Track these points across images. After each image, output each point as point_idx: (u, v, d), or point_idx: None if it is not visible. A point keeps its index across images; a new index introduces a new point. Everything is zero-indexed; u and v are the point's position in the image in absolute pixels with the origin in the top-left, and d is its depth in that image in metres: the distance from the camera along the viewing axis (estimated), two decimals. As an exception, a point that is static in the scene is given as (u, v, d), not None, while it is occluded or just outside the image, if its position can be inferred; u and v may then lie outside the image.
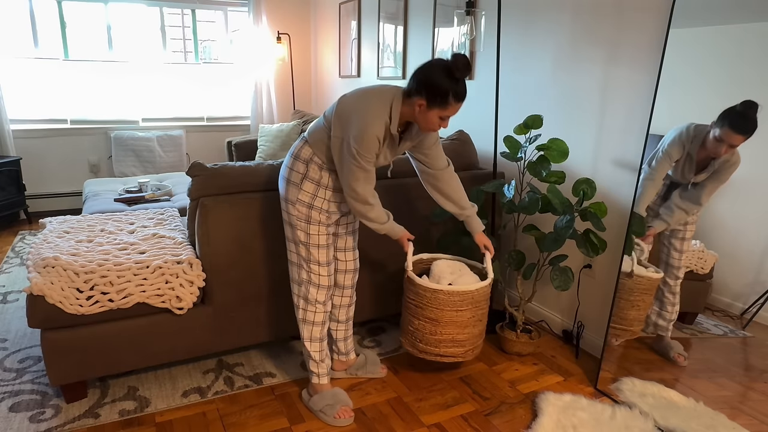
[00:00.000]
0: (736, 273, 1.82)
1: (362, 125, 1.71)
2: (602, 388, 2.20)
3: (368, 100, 1.76)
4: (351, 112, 1.76)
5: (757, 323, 1.78)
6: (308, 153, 1.86)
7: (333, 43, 5.02)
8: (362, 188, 1.79)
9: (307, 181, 1.86)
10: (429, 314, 2.11)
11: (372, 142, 1.72)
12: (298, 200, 1.86)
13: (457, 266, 2.29)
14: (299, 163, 1.87)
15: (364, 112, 1.73)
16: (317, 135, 1.85)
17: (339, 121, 1.78)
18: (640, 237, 2.10)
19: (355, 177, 1.77)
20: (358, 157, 1.73)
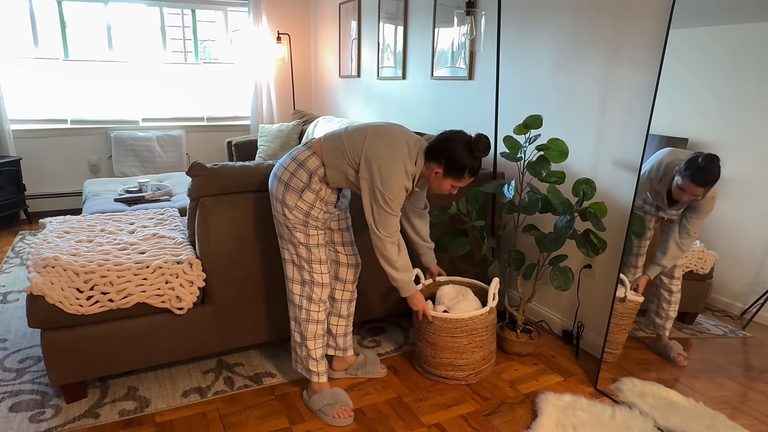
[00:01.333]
0: (736, 273, 1.82)
1: (394, 177, 1.78)
2: (602, 388, 2.20)
3: (398, 152, 1.81)
4: (381, 160, 1.79)
5: (757, 323, 1.78)
6: (315, 165, 1.85)
7: (333, 43, 5.03)
8: (389, 229, 1.86)
9: (309, 192, 1.85)
10: (428, 338, 2.23)
11: (401, 192, 1.82)
12: (296, 206, 1.86)
13: (462, 291, 2.33)
14: (303, 171, 1.85)
15: (395, 164, 1.79)
16: (334, 159, 1.85)
17: (367, 165, 1.81)
18: (640, 237, 2.10)
19: (387, 222, 1.84)
20: (390, 203, 1.80)
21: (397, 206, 1.82)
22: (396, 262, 1.91)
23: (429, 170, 1.88)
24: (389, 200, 1.80)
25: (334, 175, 1.86)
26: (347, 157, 1.84)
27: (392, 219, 1.84)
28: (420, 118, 3.75)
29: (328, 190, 1.89)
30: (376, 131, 1.86)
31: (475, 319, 2.16)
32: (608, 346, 2.20)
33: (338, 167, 1.84)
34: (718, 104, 1.82)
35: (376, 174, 1.79)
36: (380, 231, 1.85)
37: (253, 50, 5.12)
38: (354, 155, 1.83)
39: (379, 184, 1.79)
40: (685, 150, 1.92)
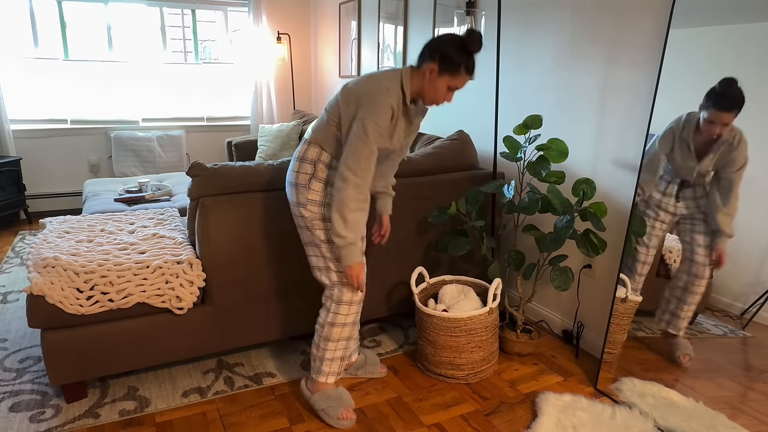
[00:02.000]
0: (736, 273, 1.82)
1: (375, 97, 1.69)
2: (602, 388, 2.20)
3: (378, 78, 1.76)
4: (361, 92, 1.73)
5: (757, 323, 1.78)
6: (315, 153, 1.84)
7: (333, 43, 5.02)
8: (360, 167, 1.69)
9: (315, 181, 1.82)
10: (428, 336, 2.25)
11: (386, 110, 1.69)
12: (309, 201, 1.82)
13: (464, 291, 2.35)
14: (306, 164, 1.84)
15: (376, 86, 1.72)
16: (322, 133, 1.83)
17: (347, 104, 1.75)
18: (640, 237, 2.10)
19: (357, 152, 1.69)
20: (369, 130, 1.67)
21: (377, 136, 1.68)
22: (349, 212, 1.70)
23: (422, 77, 1.78)
24: (370, 127, 1.67)
25: (333, 150, 1.82)
26: (331, 117, 1.80)
27: (367, 155, 1.68)
28: (420, 118, 3.74)
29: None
30: (353, 80, 1.83)
31: (474, 319, 2.17)
32: (608, 346, 2.20)
33: (329, 136, 1.81)
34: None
35: (358, 106, 1.71)
36: (350, 164, 1.68)
37: (253, 50, 5.11)
38: (333, 110, 1.80)
39: (363, 110, 1.69)
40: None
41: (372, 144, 1.69)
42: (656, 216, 2.04)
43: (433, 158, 2.62)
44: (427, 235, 2.58)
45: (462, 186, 2.62)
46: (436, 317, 2.18)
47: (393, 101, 1.72)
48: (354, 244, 1.75)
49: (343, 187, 1.70)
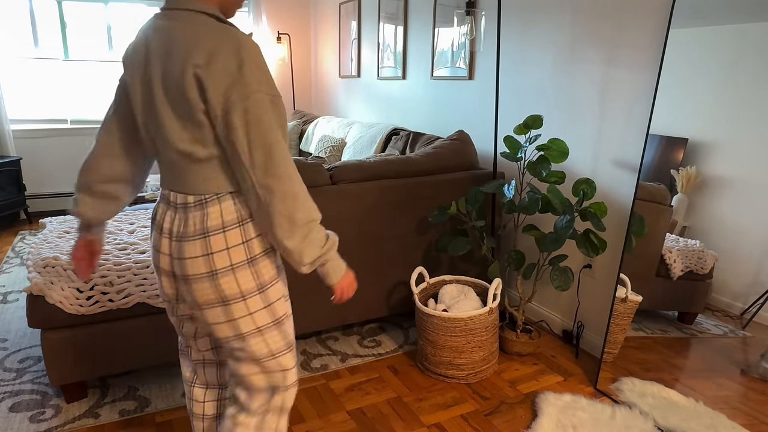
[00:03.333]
0: (736, 273, 1.82)
1: (243, 65, 1.04)
2: (602, 388, 2.20)
3: (223, 36, 1.06)
4: (221, 69, 1.04)
5: (757, 323, 1.78)
6: (231, 207, 1.16)
7: (333, 43, 5.02)
8: (289, 161, 1.10)
9: (256, 241, 1.18)
10: (428, 336, 2.25)
11: (262, 59, 1.08)
12: (270, 280, 1.21)
13: (464, 291, 2.36)
14: (233, 232, 1.15)
15: (235, 49, 1.05)
16: (211, 173, 1.14)
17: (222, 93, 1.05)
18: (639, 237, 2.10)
19: (275, 138, 1.07)
20: (272, 96, 1.08)
21: (276, 94, 1.11)
22: (312, 211, 1.13)
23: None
24: (264, 93, 1.06)
25: (234, 186, 1.16)
26: (198, 145, 1.11)
27: (280, 132, 1.10)
28: (420, 118, 3.75)
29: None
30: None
31: (474, 319, 2.17)
32: (608, 346, 2.20)
33: (217, 173, 1.15)
34: (719, 104, 1.82)
35: (230, 90, 1.04)
36: (280, 168, 1.07)
37: (253, 50, 5.11)
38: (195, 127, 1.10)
39: (238, 97, 1.04)
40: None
41: (280, 105, 1.14)
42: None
43: (433, 158, 2.62)
44: (427, 235, 2.58)
45: (462, 186, 2.62)
46: (436, 317, 2.18)
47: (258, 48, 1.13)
48: (330, 239, 1.19)
49: (290, 190, 1.10)
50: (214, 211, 1.14)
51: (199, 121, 1.07)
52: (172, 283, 1.26)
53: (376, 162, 2.46)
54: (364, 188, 2.36)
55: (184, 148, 1.11)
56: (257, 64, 1.06)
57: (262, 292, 1.20)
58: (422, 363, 2.31)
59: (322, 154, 4.05)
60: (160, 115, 1.11)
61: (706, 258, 1.90)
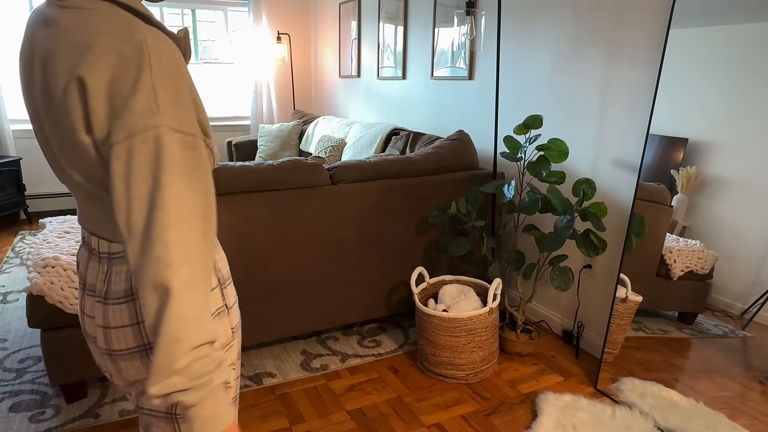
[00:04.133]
0: (736, 273, 1.82)
1: (140, 82, 0.68)
2: (602, 388, 2.20)
3: (125, 37, 0.70)
4: (112, 85, 0.69)
5: (757, 323, 1.78)
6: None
7: (333, 43, 5.02)
8: (189, 241, 0.70)
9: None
10: (428, 336, 2.25)
11: (178, 73, 0.72)
12: (223, 346, 0.91)
13: (464, 291, 2.36)
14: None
15: (136, 55, 0.69)
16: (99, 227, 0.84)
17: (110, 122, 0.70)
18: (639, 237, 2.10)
19: (168, 197, 0.68)
20: (182, 135, 0.70)
21: (197, 136, 0.75)
22: (201, 330, 0.70)
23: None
24: (186, 128, 0.71)
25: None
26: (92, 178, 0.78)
27: (206, 168, 0.75)
28: (420, 118, 3.75)
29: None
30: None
31: (474, 319, 2.17)
32: (608, 346, 2.20)
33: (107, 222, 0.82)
34: (719, 104, 1.82)
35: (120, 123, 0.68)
36: (161, 246, 0.68)
37: (253, 50, 5.11)
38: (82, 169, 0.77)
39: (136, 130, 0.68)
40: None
41: (201, 152, 0.79)
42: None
43: (433, 158, 2.62)
44: (427, 235, 2.58)
45: (462, 186, 2.62)
46: (436, 317, 2.18)
47: (178, 54, 0.78)
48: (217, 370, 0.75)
49: (186, 279, 0.71)
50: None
51: (87, 155, 0.73)
52: (99, 355, 0.89)
53: (376, 162, 2.46)
54: (364, 188, 2.36)
55: (83, 186, 0.79)
56: (164, 82, 0.69)
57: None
58: (422, 363, 2.31)
59: (322, 154, 4.05)
60: (51, 143, 0.80)
61: (706, 258, 1.90)
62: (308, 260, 2.30)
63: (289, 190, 2.26)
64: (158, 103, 0.68)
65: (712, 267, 1.89)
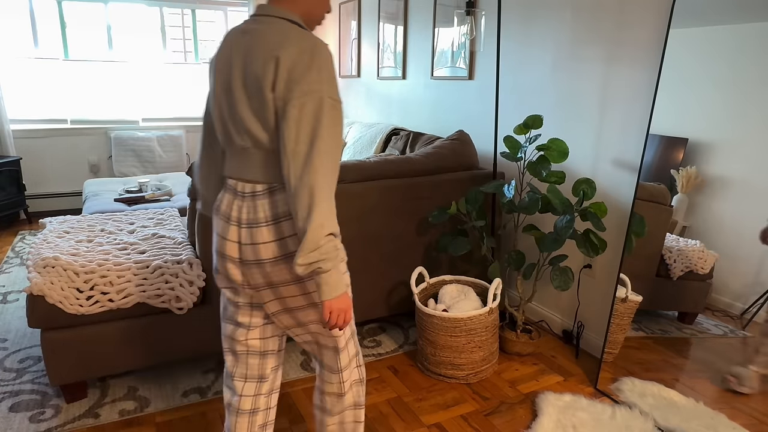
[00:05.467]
0: (736, 273, 1.82)
1: (312, 68, 1.15)
2: (602, 388, 2.20)
3: (303, 39, 1.17)
4: (293, 65, 1.15)
5: (757, 323, 1.78)
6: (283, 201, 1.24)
7: (333, 43, 5.02)
8: (331, 162, 1.16)
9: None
10: (428, 336, 2.25)
11: (331, 66, 1.18)
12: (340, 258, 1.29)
13: (464, 291, 2.36)
14: (281, 226, 1.24)
15: (310, 51, 1.16)
16: (277, 163, 1.23)
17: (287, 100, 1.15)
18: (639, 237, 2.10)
19: (322, 144, 1.13)
20: (332, 101, 1.16)
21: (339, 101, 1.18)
22: (332, 219, 1.15)
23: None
24: (327, 98, 1.15)
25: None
26: (262, 142, 1.23)
27: (339, 140, 1.18)
28: (420, 118, 3.75)
29: None
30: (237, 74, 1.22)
31: (474, 319, 2.17)
32: (608, 346, 2.20)
33: (270, 167, 1.24)
34: (719, 105, 1.82)
35: (302, 92, 1.14)
36: (319, 165, 1.12)
37: (253, 50, 5.11)
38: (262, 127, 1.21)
39: (311, 98, 1.13)
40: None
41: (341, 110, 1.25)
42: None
43: (433, 158, 2.62)
44: (427, 235, 2.58)
45: (462, 186, 2.62)
46: (436, 317, 2.18)
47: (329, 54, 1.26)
48: (341, 253, 1.25)
49: (325, 185, 1.17)
50: (282, 199, 1.23)
51: (267, 106, 1.17)
52: (238, 268, 1.29)
53: (376, 162, 2.46)
54: (364, 188, 2.36)
55: (256, 135, 1.20)
56: (326, 68, 1.15)
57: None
58: (422, 363, 2.31)
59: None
60: (238, 106, 1.21)
61: (706, 258, 1.90)
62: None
63: (289, 190, 2.25)
64: (321, 79, 1.13)
65: (712, 267, 1.89)
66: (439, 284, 2.48)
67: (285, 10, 1.23)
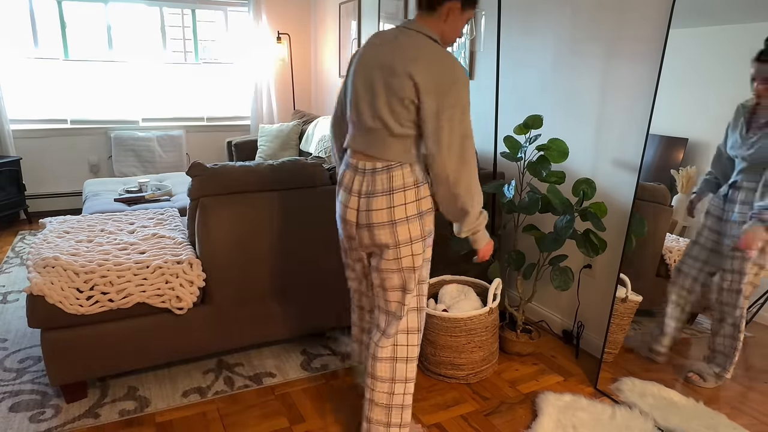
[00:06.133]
0: (736, 273, 1.82)
1: (457, 82, 1.47)
2: (602, 388, 2.20)
3: (442, 57, 1.48)
4: (438, 81, 1.46)
5: (757, 323, 1.78)
6: (409, 173, 1.56)
7: (333, 43, 5.02)
8: (474, 158, 1.54)
9: (425, 200, 1.60)
10: (428, 336, 2.25)
11: (467, 82, 1.52)
12: (429, 232, 1.61)
13: (464, 291, 2.35)
14: (410, 191, 1.56)
15: (451, 68, 1.47)
16: (400, 147, 1.54)
17: (428, 99, 1.46)
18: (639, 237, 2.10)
19: (469, 143, 1.50)
20: (466, 114, 1.50)
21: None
22: (480, 195, 1.57)
23: (439, 20, 1.54)
24: (461, 108, 1.48)
25: (419, 163, 1.59)
26: (398, 128, 1.53)
27: (472, 139, 1.53)
28: (420, 118, 3.74)
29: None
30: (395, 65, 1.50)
31: (474, 319, 2.17)
32: (608, 346, 2.20)
33: (408, 149, 1.56)
34: (719, 104, 1.82)
35: (441, 98, 1.45)
36: (468, 162, 1.51)
37: (253, 50, 5.11)
38: (400, 116, 1.52)
39: (447, 104, 1.46)
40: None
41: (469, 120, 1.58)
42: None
43: (433, 158, 2.61)
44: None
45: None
46: (436, 317, 2.18)
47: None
48: (483, 214, 1.63)
49: (472, 179, 1.54)
50: (398, 175, 1.55)
51: (405, 109, 1.49)
52: (354, 231, 1.64)
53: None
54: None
55: (388, 123, 1.51)
56: (465, 85, 1.48)
57: (424, 240, 1.61)
58: (422, 363, 2.31)
59: (322, 154, 4.05)
60: (377, 102, 1.52)
61: (706, 258, 1.90)
62: (308, 260, 2.30)
63: (289, 190, 2.26)
64: (464, 95, 1.48)
65: (712, 267, 1.89)
66: (439, 284, 2.48)
67: (428, 28, 1.53)
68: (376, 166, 1.57)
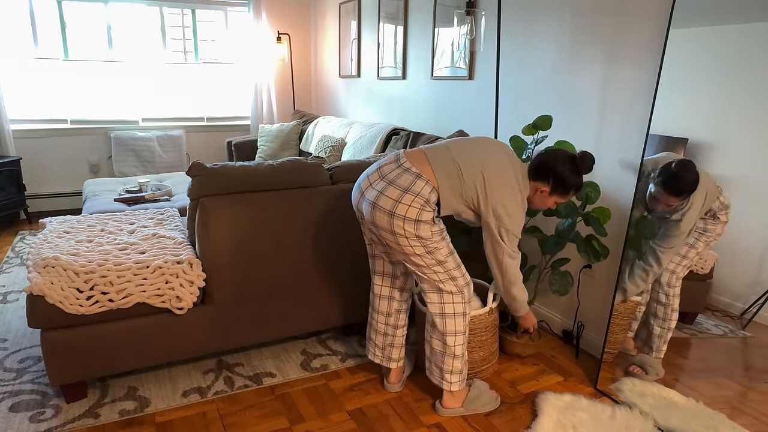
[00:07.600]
0: (736, 273, 1.82)
1: (518, 215, 1.86)
2: (602, 388, 2.20)
3: (514, 187, 1.85)
4: (507, 205, 1.83)
5: (757, 323, 1.78)
6: (428, 191, 1.78)
7: (333, 43, 5.03)
8: (514, 246, 1.91)
9: (425, 220, 1.79)
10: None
11: (523, 219, 1.92)
12: (432, 233, 1.80)
13: None
14: (417, 201, 1.76)
15: (517, 203, 1.85)
16: (452, 199, 1.82)
17: (494, 211, 1.83)
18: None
19: (515, 243, 1.89)
20: (517, 233, 1.88)
21: (520, 231, 1.90)
22: (519, 280, 1.99)
23: (533, 190, 1.91)
24: (516, 233, 1.87)
25: (446, 210, 1.85)
26: (465, 199, 1.84)
27: (515, 245, 1.92)
28: (420, 118, 3.75)
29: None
30: (491, 170, 1.82)
31: (474, 319, 2.17)
32: (608, 346, 2.20)
33: (453, 207, 1.85)
34: (719, 104, 1.82)
35: (504, 218, 1.83)
36: (511, 248, 1.90)
37: (253, 50, 5.11)
38: (472, 198, 1.83)
39: (507, 224, 1.84)
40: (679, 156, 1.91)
41: (519, 235, 1.90)
42: None
43: (433, 158, 2.61)
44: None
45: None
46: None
47: (525, 209, 1.94)
48: (526, 298, 2.08)
49: (512, 268, 1.94)
50: (420, 185, 1.76)
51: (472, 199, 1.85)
52: (359, 199, 1.87)
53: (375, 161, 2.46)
54: (364, 188, 2.36)
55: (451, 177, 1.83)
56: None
57: (418, 239, 1.79)
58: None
59: (322, 154, 4.05)
60: (464, 173, 1.84)
61: (706, 258, 1.90)
62: (308, 260, 2.30)
63: (289, 190, 2.26)
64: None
65: (712, 267, 1.89)
66: None
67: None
68: (411, 169, 1.80)
